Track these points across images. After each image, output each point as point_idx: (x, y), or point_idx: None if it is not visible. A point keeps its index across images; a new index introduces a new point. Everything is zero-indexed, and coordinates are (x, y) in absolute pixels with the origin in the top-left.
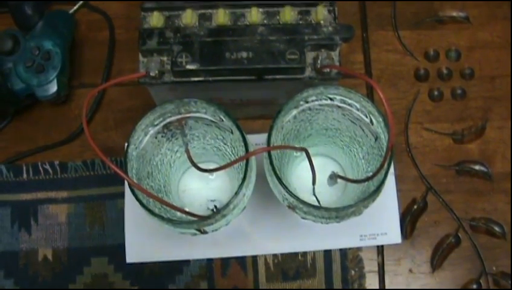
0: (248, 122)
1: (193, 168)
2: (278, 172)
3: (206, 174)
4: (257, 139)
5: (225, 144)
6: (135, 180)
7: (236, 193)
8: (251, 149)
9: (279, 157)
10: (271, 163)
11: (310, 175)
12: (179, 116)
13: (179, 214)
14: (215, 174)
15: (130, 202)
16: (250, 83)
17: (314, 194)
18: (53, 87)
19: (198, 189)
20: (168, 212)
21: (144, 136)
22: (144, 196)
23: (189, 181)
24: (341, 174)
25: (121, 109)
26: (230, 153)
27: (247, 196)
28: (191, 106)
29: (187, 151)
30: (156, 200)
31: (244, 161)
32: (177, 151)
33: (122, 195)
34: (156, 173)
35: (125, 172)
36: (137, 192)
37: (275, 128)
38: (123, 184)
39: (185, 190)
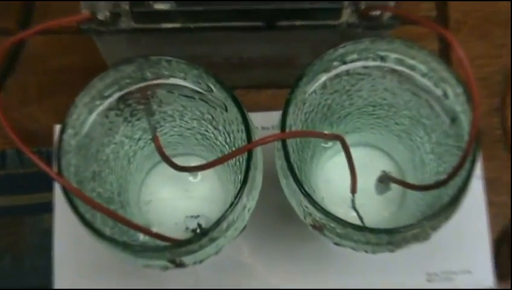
0: (251, 94)
1: (164, 166)
2: (297, 172)
3: (185, 175)
4: (264, 120)
5: (215, 127)
6: (74, 184)
7: (233, 205)
8: (255, 136)
9: (298, 150)
10: (287, 158)
11: (347, 177)
12: (142, 84)
13: (141, 236)
14: (199, 175)
15: (63, 219)
16: (254, 32)
17: (355, 208)
18: None
19: (173, 198)
20: (124, 234)
21: (88, 115)
22: (88, 208)
23: (158, 186)
24: (396, 176)
25: (49, 71)
26: (223, 142)
27: (249, 208)
28: (162, 67)
29: (155, 139)
30: (106, 215)
31: (245, 154)
32: (139, 139)
33: (50, 207)
34: (107, 172)
35: (58, 171)
36: (76, 202)
37: (293, 104)
38: (52, 190)
39: (152, 200)
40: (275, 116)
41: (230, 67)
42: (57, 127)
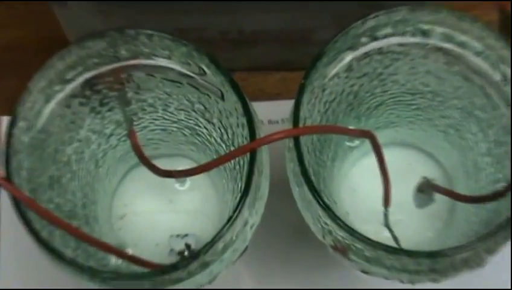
0: (255, 78)
1: (143, 170)
2: (313, 178)
3: (169, 182)
4: (271, 112)
5: (208, 121)
6: (27, 192)
7: (231, 220)
8: (260, 133)
9: (316, 150)
10: (300, 161)
11: (378, 186)
12: (115, 65)
13: (113, 260)
14: (188, 182)
15: (10, 239)
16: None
17: (388, 225)
18: None
19: (153, 212)
20: (91, 258)
21: (45, 104)
22: (44, 223)
23: (135, 196)
24: (442, 184)
25: None
26: (219, 139)
27: (252, 225)
28: (141, 43)
29: (131, 134)
30: (68, 233)
31: (247, 155)
32: (110, 135)
33: None
34: (68, 178)
35: (7, 175)
36: (29, 215)
37: (310, 91)
38: None
39: (126, 214)
40: (285, 106)
41: (227, 44)
42: (5, 119)
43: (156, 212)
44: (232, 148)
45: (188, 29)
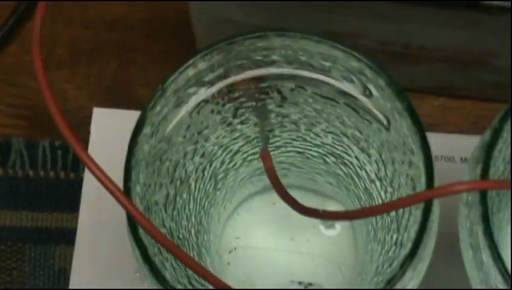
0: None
1: (263, 199)
2: (496, 243)
3: (293, 217)
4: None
5: (362, 150)
6: (141, 209)
7: (391, 282)
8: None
9: (493, 207)
10: (485, 221)
11: None
12: (263, 71)
13: None
14: (338, 228)
15: (84, 258)
16: (441, 10)
17: None
18: None
19: (270, 249)
20: None
21: (175, 109)
22: (155, 251)
23: (249, 228)
24: None
25: (87, 22)
26: (372, 174)
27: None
28: (301, 48)
29: (264, 155)
30: (186, 265)
31: (422, 206)
32: (237, 152)
33: (68, 237)
34: (184, 199)
35: (125, 190)
36: (144, 238)
37: (501, 136)
38: (74, 210)
39: (237, 248)
40: (440, 140)
41: (387, 57)
42: (102, 112)
43: (274, 251)
44: (390, 189)
45: (341, 34)
